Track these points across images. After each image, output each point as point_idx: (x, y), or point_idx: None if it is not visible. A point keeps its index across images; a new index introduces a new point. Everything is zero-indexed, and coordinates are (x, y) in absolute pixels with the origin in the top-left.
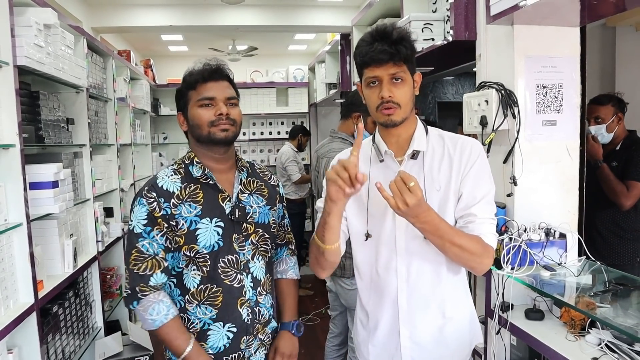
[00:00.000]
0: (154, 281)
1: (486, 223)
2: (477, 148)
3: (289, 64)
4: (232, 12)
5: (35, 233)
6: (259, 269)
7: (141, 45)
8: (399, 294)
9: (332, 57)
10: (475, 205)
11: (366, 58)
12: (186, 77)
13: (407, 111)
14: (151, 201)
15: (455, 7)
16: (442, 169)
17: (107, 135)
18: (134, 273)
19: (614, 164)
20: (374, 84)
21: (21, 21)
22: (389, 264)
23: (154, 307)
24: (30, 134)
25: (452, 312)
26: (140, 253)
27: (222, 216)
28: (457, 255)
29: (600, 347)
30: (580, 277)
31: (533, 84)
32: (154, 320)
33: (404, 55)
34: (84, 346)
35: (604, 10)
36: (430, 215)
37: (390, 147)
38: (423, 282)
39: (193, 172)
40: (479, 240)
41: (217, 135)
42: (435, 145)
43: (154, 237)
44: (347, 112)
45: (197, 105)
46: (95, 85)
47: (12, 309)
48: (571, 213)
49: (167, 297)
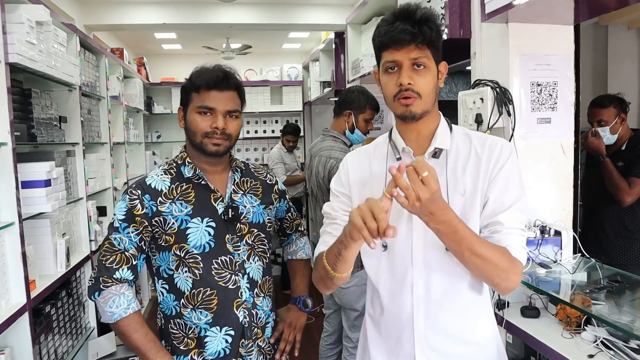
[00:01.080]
0: (119, 275)
1: (515, 234)
2: (507, 148)
3: (283, 62)
4: (226, 10)
5: (28, 232)
6: (256, 270)
7: (134, 44)
8: (415, 313)
9: (327, 56)
10: (503, 212)
11: (385, 38)
12: (193, 76)
13: (429, 103)
14: (134, 198)
15: (450, 5)
16: (468, 170)
17: (100, 134)
18: (102, 264)
19: (620, 164)
20: (392, 69)
21: (13, 18)
22: (404, 278)
23: (114, 300)
24: (22, 132)
25: (476, 337)
26: (112, 245)
27: (214, 216)
28: (478, 268)
29: (596, 344)
30: (576, 274)
31: (528, 81)
32: (112, 313)
33: (428, 37)
34: (76, 346)
35: (597, 8)
36: (447, 215)
37: (409, 144)
38: (443, 300)
39: (184, 173)
40: (505, 252)
41: (208, 148)
42: (460, 144)
43: (128, 234)
44: (339, 110)
45: (195, 111)
46: (88, 83)
47: (4, 309)
48: (566, 211)
49: (131, 292)
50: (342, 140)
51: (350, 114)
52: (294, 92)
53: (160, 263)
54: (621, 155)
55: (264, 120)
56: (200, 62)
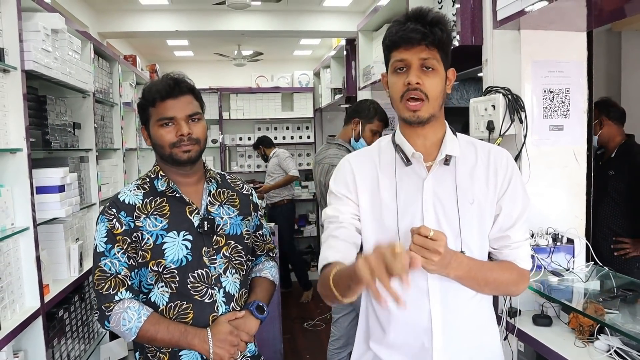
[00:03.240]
0: (118, 298)
1: (521, 247)
2: (511, 160)
3: (294, 69)
4: (238, 17)
5: (42, 237)
6: (232, 284)
7: (147, 51)
8: (433, 319)
9: (338, 62)
10: (511, 228)
11: (395, 37)
12: (145, 92)
13: (436, 107)
14: (111, 218)
15: (462, 12)
16: (476, 178)
17: (113, 140)
18: (99, 293)
19: (611, 172)
20: (401, 70)
21: (29, 26)
22: (418, 285)
23: (124, 317)
24: (37, 138)
25: (488, 336)
26: (103, 272)
27: (191, 229)
28: (493, 290)
29: (610, 354)
30: (588, 282)
31: (540, 88)
32: (129, 330)
33: (439, 38)
34: (89, 351)
35: (610, 14)
36: (458, 259)
37: (417, 150)
38: (460, 304)
39: (158, 186)
40: (513, 267)
41: (180, 157)
42: (466, 152)
43: (115, 255)
44: (349, 119)
45: (157, 125)
46: (101, 90)
47: (18, 313)
48: (579, 218)
49: (134, 302)
50: (347, 148)
51: (358, 122)
52: (305, 98)
53: (140, 278)
54: (611, 164)
55: (275, 126)
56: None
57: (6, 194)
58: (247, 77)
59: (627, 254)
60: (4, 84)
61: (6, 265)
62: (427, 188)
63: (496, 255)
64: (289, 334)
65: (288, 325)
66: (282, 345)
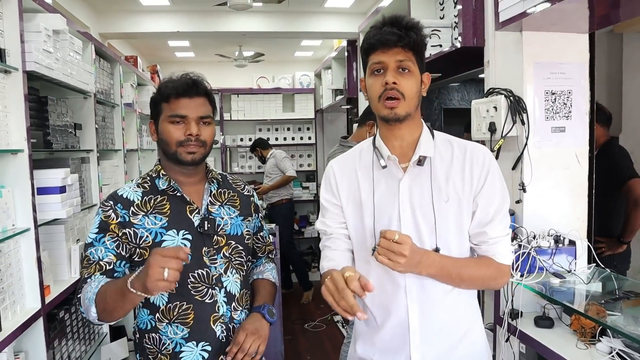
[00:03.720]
0: (90, 279)
1: (500, 242)
2: (488, 156)
3: (295, 70)
4: (239, 18)
5: (43, 238)
6: (233, 283)
7: (148, 51)
8: (410, 314)
9: (339, 64)
10: (489, 223)
11: (373, 40)
12: (161, 87)
13: (412, 106)
14: (107, 209)
15: (464, 13)
16: (451, 177)
17: (114, 141)
18: (80, 281)
19: None
20: (378, 72)
21: (30, 27)
22: (397, 282)
23: (86, 294)
24: (38, 139)
25: (466, 330)
26: (88, 261)
27: (191, 229)
28: (470, 285)
29: (612, 356)
30: (590, 284)
31: (542, 90)
32: (89, 299)
33: (413, 41)
34: (89, 351)
35: (612, 16)
36: (430, 259)
37: (394, 152)
38: (436, 300)
39: (159, 185)
40: (491, 263)
41: (184, 158)
42: (442, 151)
43: (104, 243)
44: (363, 120)
45: (167, 121)
46: (102, 90)
47: (19, 313)
48: (580, 220)
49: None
50: None
51: (373, 125)
52: (306, 99)
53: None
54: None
55: (276, 127)
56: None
57: (7, 195)
58: (248, 78)
59: (603, 252)
60: (5, 84)
61: (7, 266)
62: (403, 188)
63: (476, 251)
64: (289, 335)
65: (289, 326)
66: (282, 346)
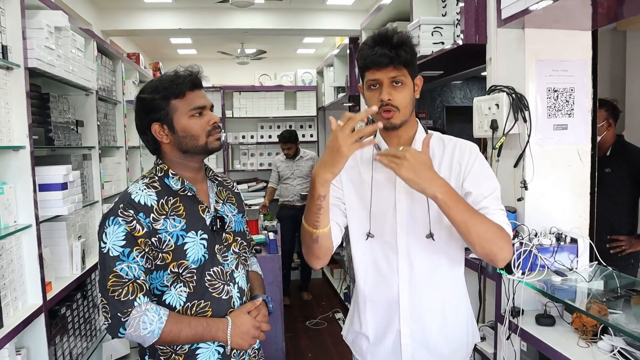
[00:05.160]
0: (137, 303)
1: (499, 214)
2: (475, 149)
3: (298, 67)
4: (241, 15)
5: (44, 235)
6: (242, 278)
7: (150, 49)
8: (401, 293)
9: (341, 61)
10: (485, 199)
11: (367, 61)
12: (167, 85)
13: (406, 114)
14: (130, 220)
15: (466, 10)
16: (442, 171)
17: (116, 138)
18: (114, 300)
19: (607, 170)
20: (374, 86)
21: (32, 24)
22: (390, 263)
23: (143, 321)
24: (40, 135)
25: (451, 312)
26: (119, 278)
27: (205, 228)
28: (480, 236)
29: (613, 354)
30: (592, 282)
31: (544, 87)
32: (151, 333)
33: (404, 59)
34: (91, 348)
35: (615, 14)
36: (443, 182)
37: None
38: (425, 282)
39: (171, 185)
40: (498, 225)
41: (214, 145)
42: (435, 148)
43: (134, 259)
44: None
45: (189, 115)
46: (104, 87)
47: (20, 310)
48: (582, 218)
49: (150, 304)
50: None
51: None
52: (308, 97)
53: (151, 281)
54: (607, 162)
55: (278, 125)
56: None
57: (9, 192)
58: (250, 75)
59: (623, 251)
60: (7, 81)
61: (9, 263)
62: (399, 179)
63: None
64: (291, 332)
65: (290, 323)
66: (284, 343)
